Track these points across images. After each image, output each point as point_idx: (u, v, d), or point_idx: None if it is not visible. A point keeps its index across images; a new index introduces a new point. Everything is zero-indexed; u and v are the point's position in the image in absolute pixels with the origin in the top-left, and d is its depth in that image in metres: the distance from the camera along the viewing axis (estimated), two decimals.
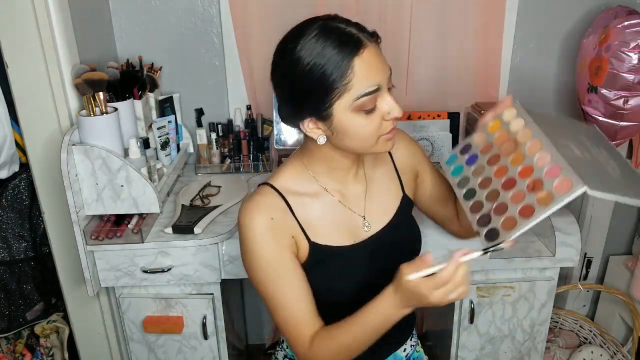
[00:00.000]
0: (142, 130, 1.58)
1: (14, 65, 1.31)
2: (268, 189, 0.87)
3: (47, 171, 1.40)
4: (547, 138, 0.79)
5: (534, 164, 0.77)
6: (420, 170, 1.01)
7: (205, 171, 1.84)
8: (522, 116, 0.85)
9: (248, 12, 1.75)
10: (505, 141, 0.84)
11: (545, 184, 0.74)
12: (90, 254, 1.40)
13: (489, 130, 0.88)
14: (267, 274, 0.84)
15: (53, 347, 1.64)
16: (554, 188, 0.72)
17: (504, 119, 0.87)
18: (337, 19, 0.78)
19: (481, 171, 0.85)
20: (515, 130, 0.84)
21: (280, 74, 0.80)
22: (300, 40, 0.75)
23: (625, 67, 1.50)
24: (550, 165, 0.75)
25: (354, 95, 0.75)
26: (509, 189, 0.78)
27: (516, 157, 0.81)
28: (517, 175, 0.78)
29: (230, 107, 1.89)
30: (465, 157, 0.90)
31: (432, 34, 1.80)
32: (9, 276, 1.53)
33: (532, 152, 0.79)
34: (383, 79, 0.77)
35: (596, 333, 2.01)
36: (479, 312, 1.57)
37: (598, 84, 1.59)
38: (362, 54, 0.74)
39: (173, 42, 1.80)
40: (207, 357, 1.57)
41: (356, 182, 0.93)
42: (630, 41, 1.48)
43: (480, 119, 0.90)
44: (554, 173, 0.74)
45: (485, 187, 0.82)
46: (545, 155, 0.77)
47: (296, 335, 0.85)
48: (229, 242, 1.44)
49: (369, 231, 0.93)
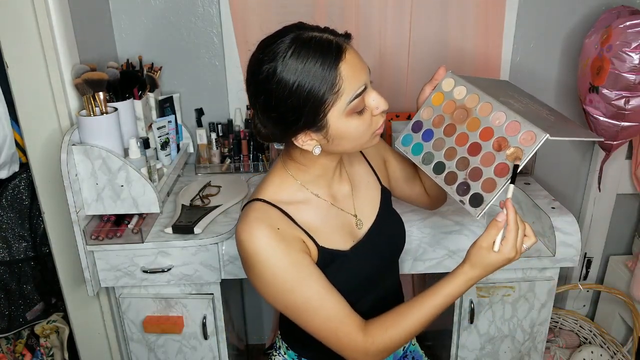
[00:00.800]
0: (142, 130, 1.58)
1: (14, 65, 1.31)
2: (259, 204, 0.84)
3: (47, 171, 1.40)
4: (493, 98, 0.84)
5: (491, 125, 0.82)
6: (385, 156, 1.04)
7: (205, 171, 1.84)
8: (461, 84, 0.89)
9: (248, 12, 1.76)
10: (454, 110, 0.88)
11: (510, 140, 0.79)
12: (90, 254, 1.40)
13: (434, 104, 0.91)
14: (291, 283, 0.79)
15: (53, 347, 1.64)
16: (520, 142, 0.78)
17: (444, 89, 0.90)
18: (307, 28, 0.75)
19: (442, 143, 0.88)
20: (461, 98, 0.88)
21: (264, 99, 0.75)
22: (279, 61, 0.72)
23: (626, 67, 1.50)
24: (508, 122, 0.81)
25: (345, 100, 0.75)
26: (477, 154, 0.82)
27: (471, 122, 0.85)
28: (479, 139, 0.83)
29: (230, 107, 1.89)
30: (420, 134, 0.92)
31: (432, 34, 1.80)
32: (9, 276, 1.53)
33: (485, 114, 0.84)
34: (366, 76, 0.78)
35: (596, 333, 2.01)
36: (479, 312, 1.57)
37: (599, 84, 1.59)
38: (345, 59, 0.74)
39: (173, 42, 1.80)
40: (207, 357, 1.57)
41: (341, 182, 0.93)
42: (632, 41, 1.48)
43: (420, 94, 0.93)
44: (515, 128, 0.79)
45: (452, 157, 0.86)
46: (500, 115, 0.82)
47: (344, 333, 0.81)
48: (229, 242, 1.44)
49: (362, 228, 0.94)
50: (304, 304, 0.80)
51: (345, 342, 0.82)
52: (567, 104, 1.93)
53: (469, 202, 0.81)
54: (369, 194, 0.97)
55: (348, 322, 0.82)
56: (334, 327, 0.81)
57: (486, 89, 0.87)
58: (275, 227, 0.80)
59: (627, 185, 2.01)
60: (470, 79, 0.90)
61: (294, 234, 0.83)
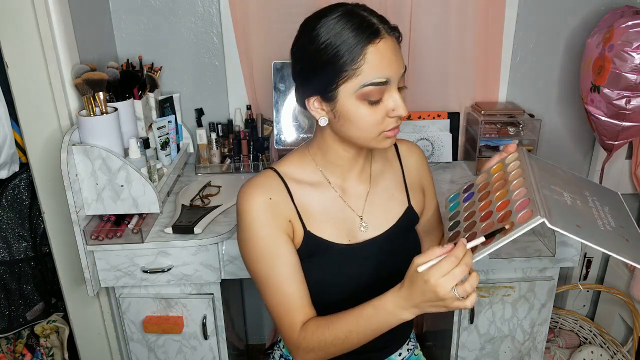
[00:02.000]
0: (142, 130, 1.58)
1: (14, 65, 1.31)
2: (270, 172, 0.88)
3: (47, 171, 1.40)
4: (533, 177, 0.81)
5: (510, 198, 0.80)
6: (425, 190, 1.02)
7: (205, 171, 1.84)
8: (520, 159, 0.88)
9: (248, 12, 1.76)
10: (499, 180, 0.88)
11: (512, 215, 0.76)
12: (90, 254, 1.40)
13: (491, 172, 0.91)
14: (261, 253, 0.83)
15: (53, 347, 1.64)
16: (517, 219, 0.74)
17: (506, 161, 0.90)
18: (363, 7, 0.79)
19: (471, 206, 0.88)
20: (509, 171, 0.87)
21: (297, 48, 0.81)
22: (322, 19, 0.77)
23: (628, 67, 1.50)
24: (522, 199, 0.77)
25: (361, 82, 0.76)
26: (484, 221, 0.81)
27: (501, 194, 0.84)
28: (495, 209, 0.81)
29: (230, 107, 1.89)
30: (465, 195, 0.93)
31: (432, 34, 1.80)
32: (9, 276, 1.53)
33: (514, 188, 0.82)
34: (394, 73, 0.77)
35: (596, 333, 2.01)
36: (479, 312, 1.57)
37: (601, 84, 1.59)
38: (377, 44, 0.75)
39: (173, 42, 1.80)
40: (207, 357, 1.57)
41: (359, 181, 0.93)
42: (634, 41, 1.48)
43: (487, 162, 0.92)
44: (523, 205, 0.76)
45: (467, 219, 0.85)
46: (522, 191, 0.79)
47: (287, 320, 0.84)
48: (229, 242, 1.44)
49: (366, 233, 0.92)
50: (264, 279, 0.84)
51: (285, 331, 0.84)
52: (568, 104, 1.93)
53: None
54: (388, 206, 0.95)
55: (295, 314, 0.83)
56: (281, 313, 0.84)
57: (545, 172, 0.85)
58: (268, 197, 0.84)
59: (627, 185, 2.01)
60: (544, 162, 0.89)
61: (284, 211, 0.85)
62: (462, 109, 1.93)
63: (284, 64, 1.74)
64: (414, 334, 1.10)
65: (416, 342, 1.11)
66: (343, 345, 0.80)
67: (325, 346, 0.81)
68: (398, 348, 1.03)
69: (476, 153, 1.82)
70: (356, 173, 0.92)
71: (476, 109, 1.87)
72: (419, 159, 1.01)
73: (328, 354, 0.82)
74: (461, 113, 1.93)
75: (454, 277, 0.69)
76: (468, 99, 1.92)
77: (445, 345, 1.67)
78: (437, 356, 1.81)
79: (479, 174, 0.94)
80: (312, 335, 0.81)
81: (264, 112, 1.88)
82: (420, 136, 1.89)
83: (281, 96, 1.78)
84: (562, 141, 2.00)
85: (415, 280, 0.72)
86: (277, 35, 1.78)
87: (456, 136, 1.93)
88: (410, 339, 1.07)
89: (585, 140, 1.99)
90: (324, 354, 0.82)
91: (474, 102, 1.91)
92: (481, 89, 1.91)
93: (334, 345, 0.80)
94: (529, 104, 1.94)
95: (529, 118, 1.84)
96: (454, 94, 1.91)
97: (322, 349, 0.81)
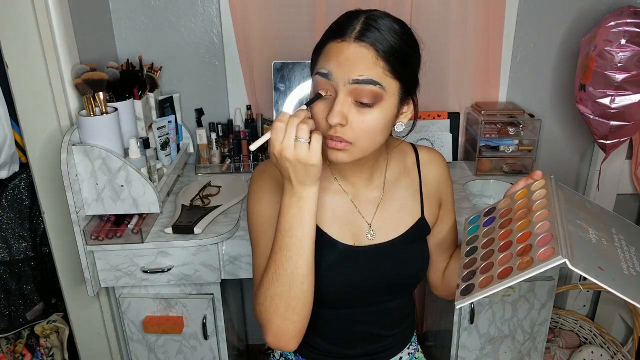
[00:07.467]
0: (142, 130, 1.58)
1: (14, 65, 1.31)
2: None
3: (47, 171, 1.40)
4: (558, 210, 0.78)
5: (532, 230, 0.77)
6: (442, 204, 0.99)
7: (205, 171, 1.84)
8: (547, 187, 0.85)
9: (248, 12, 1.76)
10: (522, 207, 0.85)
11: (532, 249, 0.73)
12: (90, 254, 1.40)
13: (515, 197, 0.88)
14: (258, 220, 0.87)
15: (53, 347, 1.64)
16: (537, 255, 0.72)
17: (532, 188, 0.88)
18: (367, 14, 0.80)
19: (490, 232, 0.85)
20: (534, 199, 0.84)
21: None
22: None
23: (608, 65, 1.50)
24: (545, 234, 0.75)
25: (314, 70, 0.80)
26: (503, 251, 0.78)
27: (523, 223, 0.81)
28: (516, 240, 0.78)
29: (230, 107, 1.89)
30: (486, 218, 0.90)
31: (431, 34, 1.80)
32: (9, 276, 1.53)
33: (537, 219, 0.79)
34: (339, 72, 0.75)
35: (596, 333, 2.01)
36: (479, 312, 1.57)
37: (586, 82, 1.60)
38: (337, 43, 0.77)
39: (173, 42, 1.80)
40: (207, 357, 1.57)
41: (371, 188, 0.91)
42: (614, 40, 1.48)
43: (512, 186, 0.90)
44: (545, 241, 0.73)
45: (486, 247, 0.83)
46: (545, 224, 0.77)
47: (256, 286, 0.84)
48: (229, 242, 1.44)
49: (372, 239, 0.91)
50: (254, 244, 0.89)
51: (254, 293, 0.85)
52: (568, 104, 1.93)
53: (461, 289, 0.78)
54: (399, 214, 0.93)
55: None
56: (257, 277, 0.86)
57: (572, 205, 0.82)
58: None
59: (627, 185, 2.01)
60: (573, 193, 0.86)
61: None
62: (462, 109, 1.93)
63: (284, 64, 1.74)
64: (415, 338, 1.09)
65: (417, 345, 1.10)
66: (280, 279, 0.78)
67: (264, 290, 0.79)
68: (398, 351, 1.03)
69: (476, 153, 1.82)
70: (364, 179, 0.91)
71: (476, 109, 1.87)
72: (440, 171, 0.97)
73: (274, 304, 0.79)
74: (461, 113, 1.93)
75: (289, 138, 0.72)
76: (468, 99, 1.92)
77: (445, 345, 1.67)
78: (437, 356, 1.81)
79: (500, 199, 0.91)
80: (258, 292, 0.81)
81: (264, 112, 1.88)
82: (420, 136, 1.89)
83: (281, 96, 1.78)
84: (562, 141, 2.00)
85: (279, 166, 0.75)
86: (277, 35, 1.78)
87: (456, 136, 1.93)
88: (411, 343, 1.07)
89: (585, 140, 1.99)
90: (270, 304, 0.79)
91: (474, 102, 1.91)
92: (481, 89, 1.91)
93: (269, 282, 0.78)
94: (529, 104, 1.94)
95: (529, 118, 1.84)
96: (454, 94, 1.91)
97: (263, 293, 0.79)
